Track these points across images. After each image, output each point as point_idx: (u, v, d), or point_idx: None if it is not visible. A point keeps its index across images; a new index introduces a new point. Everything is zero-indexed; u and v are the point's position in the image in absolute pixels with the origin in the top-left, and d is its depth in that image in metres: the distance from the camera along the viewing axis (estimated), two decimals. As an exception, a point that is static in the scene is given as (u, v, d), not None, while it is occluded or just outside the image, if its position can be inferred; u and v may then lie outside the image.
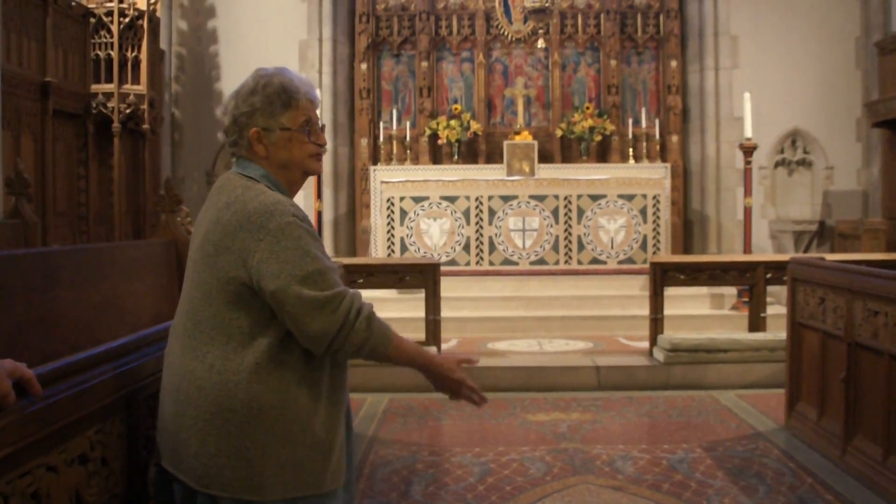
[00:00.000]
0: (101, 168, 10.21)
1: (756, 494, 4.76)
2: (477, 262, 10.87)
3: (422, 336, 7.94)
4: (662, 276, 7.96)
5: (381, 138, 11.92)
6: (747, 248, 10.02)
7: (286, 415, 2.28)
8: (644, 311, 8.27)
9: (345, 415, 2.46)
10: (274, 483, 2.27)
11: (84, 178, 9.92)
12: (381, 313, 7.98)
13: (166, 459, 2.41)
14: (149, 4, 10.41)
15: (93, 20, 10.01)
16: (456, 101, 12.20)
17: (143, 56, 10.24)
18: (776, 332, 7.52)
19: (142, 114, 10.20)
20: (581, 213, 10.83)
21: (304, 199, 10.23)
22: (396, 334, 2.44)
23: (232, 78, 11.55)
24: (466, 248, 10.87)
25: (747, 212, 10.11)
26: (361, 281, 8.03)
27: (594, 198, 10.87)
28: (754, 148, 10.06)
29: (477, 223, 10.85)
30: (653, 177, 11.05)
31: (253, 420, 2.26)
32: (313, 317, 2.23)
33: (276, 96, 2.41)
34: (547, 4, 11.12)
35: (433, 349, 7.73)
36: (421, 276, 8.08)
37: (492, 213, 10.83)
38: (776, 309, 8.45)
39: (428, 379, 2.54)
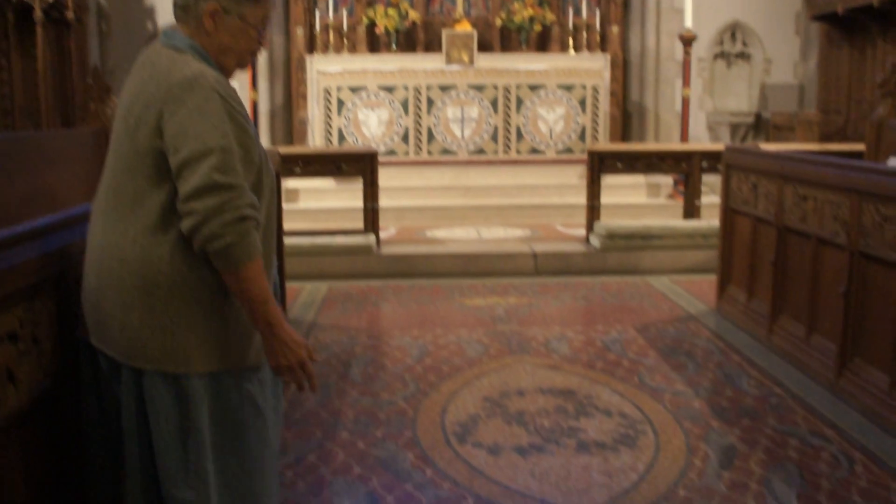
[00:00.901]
0: (24, 59, 9.75)
1: (685, 371, 4.93)
2: (415, 153, 10.79)
3: (360, 225, 7.92)
4: (600, 164, 8.01)
5: (318, 27, 11.58)
6: (684, 139, 10.09)
7: (210, 288, 2.24)
8: (582, 200, 8.34)
9: (272, 292, 2.42)
10: (198, 356, 2.25)
11: (6, 70, 9.48)
12: (320, 203, 7.97)
13: (91, 334, 2.38)
14: None
15: None
16: (394, -11, 11.89)
17: (64, -62, 9.71)
18: (710, 220, 7.67)
19: (65, 1, 9.73)
20: (520, 103, 10.77)
21: (238, 90, 9.94)
22: (263, 270, 2.24)
23: (160, -36, 11.06)
24: (405, 138, 10.77)
25: (685, 103, 10.14)
26: (298, 170, 7.92)
27: (533, 88, 10.79)
28: (693, 39, 10.03)
29: (415, 113, 10.73)
30: (592, 67, 10.98)
31: (176, 293, 2.22)
32: (194, 196, 2.14)
33: None
34: None
35: (371, 238, 7.72)
36: (358, 165, 7.99)
37: (430, 103, 10.71)
38: (710, 199, 8.59)
39: (266, 343, 2.29)
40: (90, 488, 2.55)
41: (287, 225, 6.63)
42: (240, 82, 9.33)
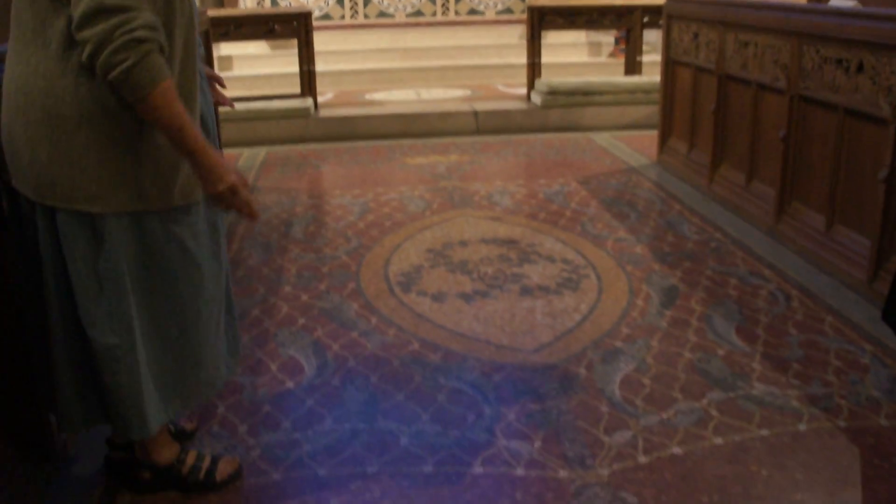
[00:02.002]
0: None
1: (627, 220, 4.95)
2: (351, 16, 10.45)
3: (297, 90, 7.69)
4: (540, 20, 7.83)
5: None
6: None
7: (120, 122, 2.07)
8: (523, 60, 8.18)
9: (200, 128, 2.26)
10: (111, 194, 2.11)
11: None
12: (255, 70, 7.71)
13: (11, 175, 2.24)
14: None
15: None
16: None
17: None
18: (651, 76, 7.60)
19: None
20: (458, -38, 10.44)
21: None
22: (175, 96, 2.05)
23: None
24: (340, 1, 10.41)
25: (626, -43, 9.90)
26: (230, 33, 7.60)
27: (471, -54, 10.46)
28: None
29: (350, -26, 10.35)
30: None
31: (84, 126, 2.06)
32: (84, 23, 1.96)
33: None
34: None
35: (308, 101, 7.52)
36: (291, 26, 7.69)
37: (365, -37, 10.34)
38: (652, 57, 8.49)
39: (195, 173, 2.17)
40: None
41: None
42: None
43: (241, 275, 4.17)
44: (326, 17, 10.32)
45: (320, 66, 7.94)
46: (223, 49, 9.01)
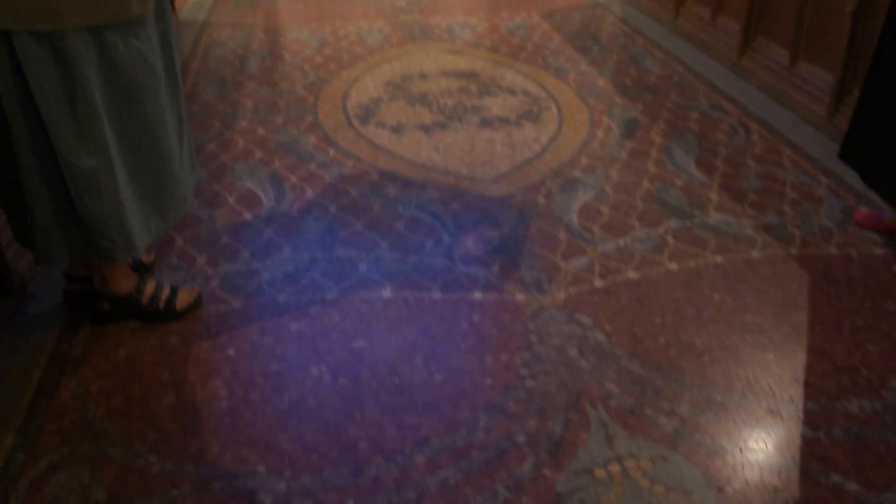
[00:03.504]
0: None
1: (590, 53, 4.87)
2: None
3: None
4: None
5: None
6: None
7: None
8: None
9: None
10: (69, 8, 2.01)
11: None
12: None
13: None
14: None
15: None
16: None
17: None
18: None
19: None
20: None
21: None
22: None
23: None
24: None
25: None
26: None
27: None
28: None
29: None
30: None
31: None
32: None
33: None
34: None
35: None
36: None
37: None
38: None
39: None
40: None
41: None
42: None
43: (196, 110, 4.06)
44: None
45: None
46: None
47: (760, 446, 2.06)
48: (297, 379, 2.26)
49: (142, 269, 2.71)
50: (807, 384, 2.27)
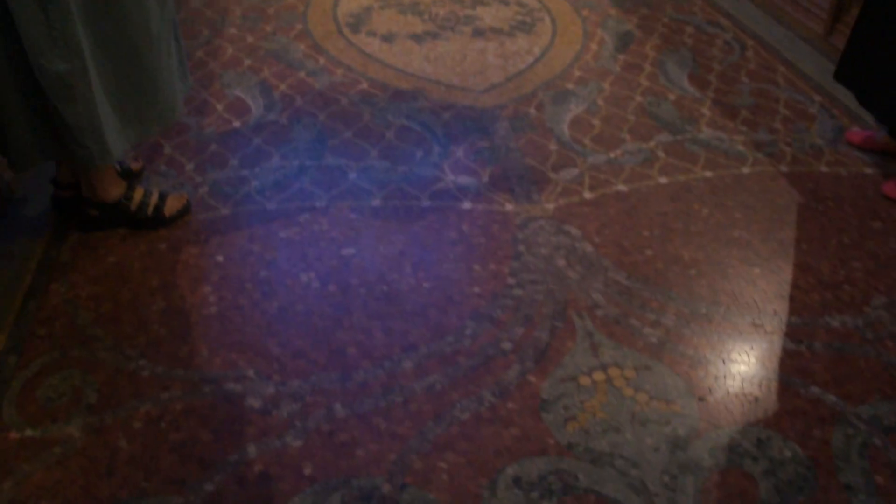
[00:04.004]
0: None
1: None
2: None
3: None
4: None
5: None
6: None
7: None
8: None
9: None
10: None
11: None
12: None
13: None
14: None
15: None
16: None
17: None
18: None
19: None
20: None
21: None
22: None
23: None
24: None
25: None
26: None
27: None
28: None
29: None
30: None
31: None
32: None
33: None
34: None
35: None
36: None
37: None
38: None
39: None
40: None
41: None
42: None
43: (183, 17, 3.98)
44: None
45: None
46: None
47: (743, 358, 2.09)
48: (286, 285, 2.27)
49: (130, 176, 2.69)
50: (791, 299, 2.29)
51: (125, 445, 1.82)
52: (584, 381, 2.00)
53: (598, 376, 2.02)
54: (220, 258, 2.37)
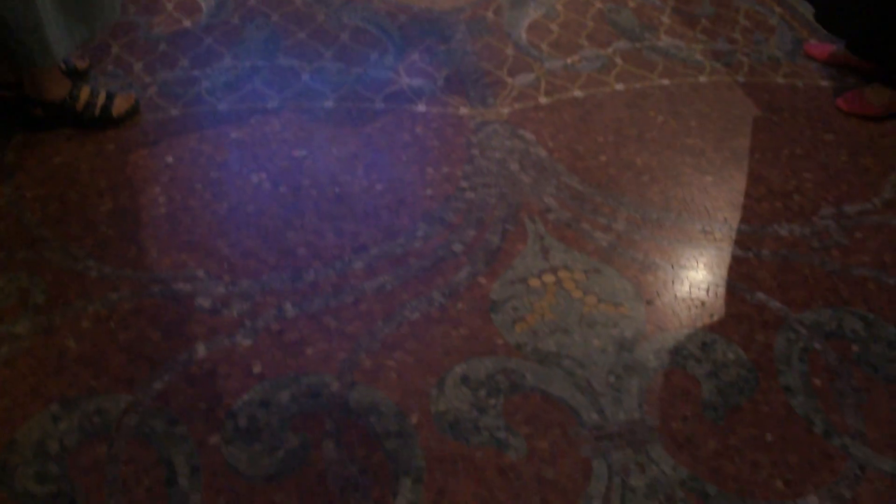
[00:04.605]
0: None
1: None
2: None
3: None
4: None
5: None
6: None
7: None
8: None
9: None
10: None
11: None
12: None
13: None
14: None
15: None
16: None
17: None
18: None
19: None
20: None
21: None
22: None
23: None
24: None
25: None
26: None
27: None
28: None
29: None
30: None
31: None
32: None
33: None
34: None
35: None
36: None
37: None
38: None
39: None
40: None
41: None
42: None
43: None
44: None
45: None
46: None
47: (691, 263, 2.12)
48: (236, 186, 2.24)
49: (75, 75, 2.62)
50: (742, 207, 2.32)
51: (73, 345, 1.81)
52: (534, 283, 2.02)
53: (548, 278, 2.03)
54: (169, 159, 2.33)
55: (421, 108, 2.58)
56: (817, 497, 1.65)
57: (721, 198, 2.34)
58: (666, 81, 2.79)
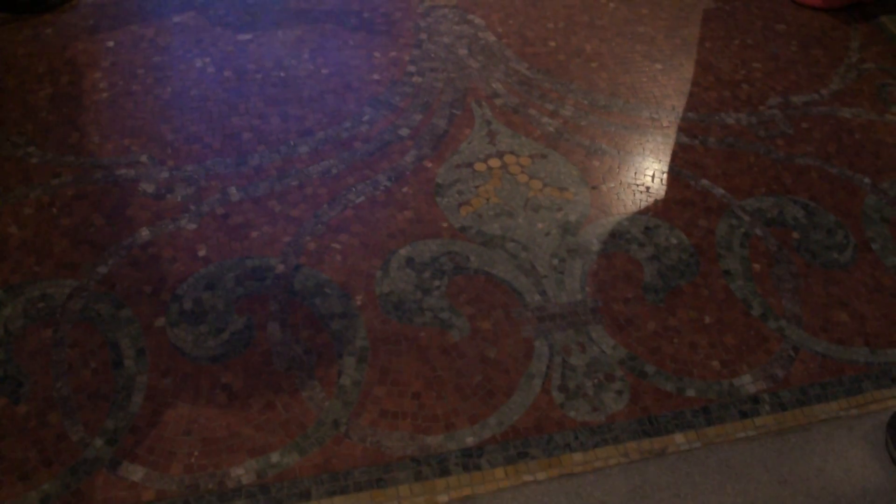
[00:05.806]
0: None
1: None
2: None
3: None
4: None
5: None
6: None
7: None
8: None
9: None
10: None
11: None
12: None
13: None
14: None
15: None
16: None
17: None
18: None
19: None
20: None
21: None
22: None
23: None
24: None
25: None
26: None
27: None
28: None
29: None
30: None
31: None
32: None
33: None
34: None
35: None
36: None
37: None
38: None
39: None
40: None
41: None
42: None
43: None
44: None
45: None
46: None
47: (638, 150, 2.13)
48: (180, 71, 2.20)
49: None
50: (690, 95, 2.32)
51: (16, 231, 1.79)
52: (480, 167, 2.02)
53: (494, 163, 2.04)
54: (110, 43, 2.27)
55: (368, -9, 2.53)
56: (751, 376, 1.71)
57: (670, 86, 2.34)
58: (619, -29, 2.75)
